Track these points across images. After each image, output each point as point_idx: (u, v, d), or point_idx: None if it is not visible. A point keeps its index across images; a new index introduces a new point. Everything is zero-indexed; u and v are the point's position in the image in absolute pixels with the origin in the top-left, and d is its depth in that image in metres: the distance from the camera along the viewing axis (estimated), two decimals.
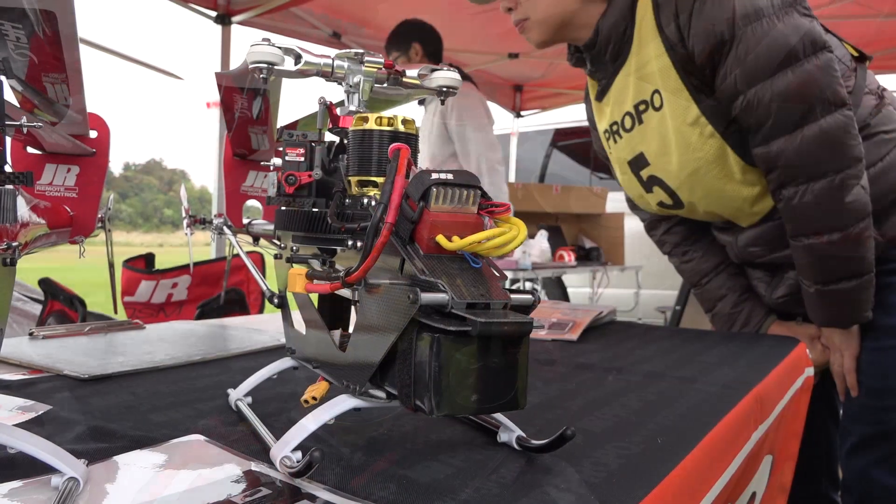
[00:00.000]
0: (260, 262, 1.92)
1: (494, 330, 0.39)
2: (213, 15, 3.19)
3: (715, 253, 1.37)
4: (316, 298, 0.58)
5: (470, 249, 0.43)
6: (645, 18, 1.10)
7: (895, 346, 1.14)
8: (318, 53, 0.56)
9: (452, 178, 0.43)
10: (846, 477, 1.23)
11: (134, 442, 0.52)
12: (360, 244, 0.48)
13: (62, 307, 2.03)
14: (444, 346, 0.40)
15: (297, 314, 0.62)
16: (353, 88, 0.56)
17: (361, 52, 0.56)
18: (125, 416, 0.60)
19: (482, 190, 0.45)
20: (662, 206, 1.27)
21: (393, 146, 0.46)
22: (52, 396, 0.66)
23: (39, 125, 0.46)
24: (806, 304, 1.16)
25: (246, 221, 0.77)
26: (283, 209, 0.58)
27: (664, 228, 1.43)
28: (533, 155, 5.69)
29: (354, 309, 0.55)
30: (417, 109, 3.06)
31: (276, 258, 0.67)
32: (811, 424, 1.13)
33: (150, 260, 2.51)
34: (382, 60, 0.56)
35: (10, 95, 0.56)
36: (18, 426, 0.45)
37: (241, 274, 2.45)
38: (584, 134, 5.47)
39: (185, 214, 0.83)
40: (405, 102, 0.70)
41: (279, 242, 0.66)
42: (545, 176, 5.65)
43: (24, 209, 0.54)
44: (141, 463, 0.48)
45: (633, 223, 4.02)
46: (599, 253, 3.75)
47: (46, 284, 2.07)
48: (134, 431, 0.55)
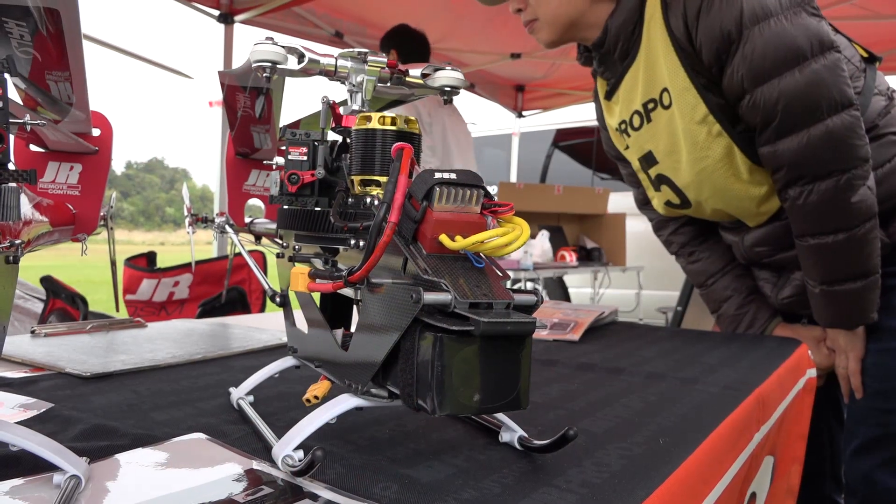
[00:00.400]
0: (262, 260, 1.92)
1: (497, 330, 0.39)
2: (215, 14, 3.19)
3: (722, 254, 1.37)
4: (318, 297, 0.58)
5: (473, 249, 0.43)
6: (653, 17, 1.10)
7: None
8: (321, 52, 0.56)
9: (456, 177, 0.43)
10: (850, 479, 1.23)
11: (135, 440, 0.52)
12: (362, 243, 0.48)
13: (64, 305, 2.03)
14: (446, 345, 0.40)
15: (298, 313, 0.62)
16: (356, 87, 0.56)
17: (365, 51, 0.56)
18: (127, 414, 0.60)
19: (486, 190, 0.44)
20: (670, 205, 1.27)
21: (396, 145, 0.46)
22: (53, 394, 0.66)
23: (43, 123, 0.46)
24: (811, 304, 1.16)
25: (248, 220, 0.77)
26: (285, 208, 0.58)
27: (672, 228, 1.43)
28: (535, 155, 5.69)
29: (357, 308, 0.55)
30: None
31: (278, 257, 0.67)
32: (815, 426, 1.13)
33: (151, 258, 2.51)
34: (386, 60, 0.56)
35: (13, 93, 0.57)
36: (20, 424, 0.45)
37: (242, 273, 2.45)
38: (585, 134, 5.48)
39: (187, 213, 0.83)
40: (410, 101, 0.70)
41: (281, 241, 0.66)
42: (547, 176, 5.64)
43: (27, 207, 0.54)
44: (142, 461, 0.48)
45: (634, 224, 4.03)
46: (601, 253, 3.74)
47: (48, 282, 2.08)
48: (135, 430, 0.55)
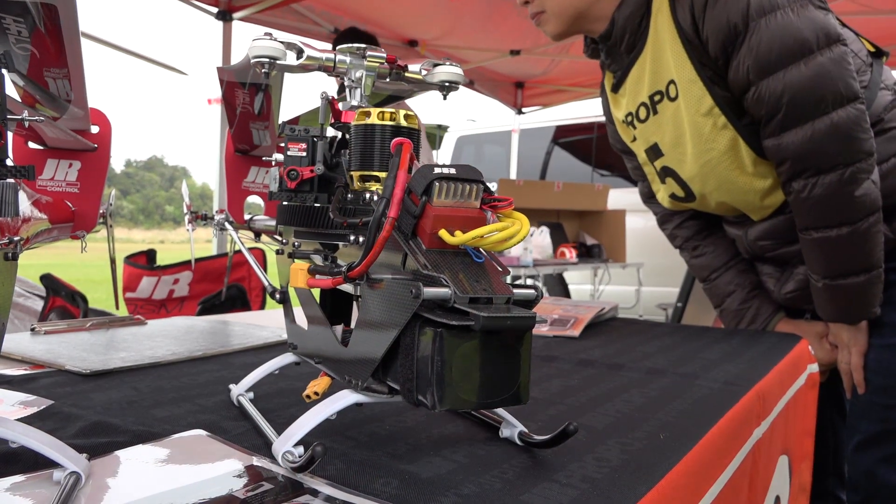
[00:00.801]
0: (261, 258, 1.92)
1: (497, 324, 0.39)
2: (214, 11, 3.19)
3: (726, 249, 1.37)
4: (318, 294, 0.58)
5: (473, 244, 0.42)
6: (660, 10, 1.10)
7: None
8: (319, 48, 0.56)
9: (455, 172, 0.43)
10: (852, 475, 1.23)
11: (136, 437, 0.52)
12: (362, 239, 0.48)
13: (64, 303, 2.03)
14: (446, 340, 0.40)
15: (298, 310, 0.62)
16: (354, 83, 0.56)
17: (363, 46, 0.55)
18: (127, 411, 0.60)
19: (485, 184, 0.44)
20: (674, 198, 1.27)
21: (395, 141, 0.46)
22: (53, 391, 0.66)
23: (41, 119, 0.46)
24: (814, 298, 1.16)
25: (247, 217, 0.76)
26: (284, 204, 0.58)
27: (676, 222, 1.43)
28: (534, 152, 5.69)
29: (356, 304, 0.55)
30: (418, 105, 3.07)
31: (277, 254, 0.67)
32: (818, 422, 1.13)
33: (151, 256, 2.51)
34: (384, 55, 0.56)
35: (11, 90, 0.56)
36: (20, 421, 0.45)
37: (242, 270, 2.45)
38: (585, 131, 5.48)
39: (186, 210, 0.83)
40: (408, 98, 0.70)
41: (281, 238, 0.66)
42: (546, 173, 5.64)
43: (25, 204, 0.54)
44: (143, 458, 0.47)
45: (634, 220, 4.03)
46: (601, 250, 3.75)
47: (48, 280, 2.08)
48: (136, 426, 0.54)
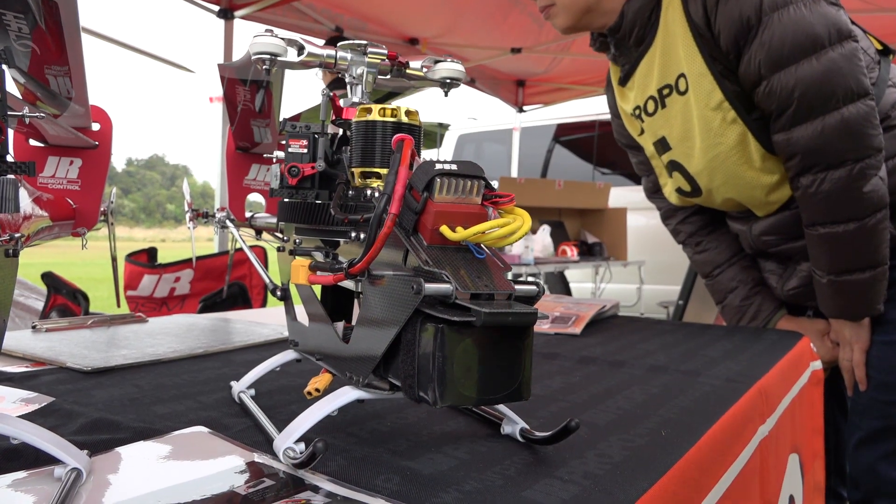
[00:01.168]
0: (263, 255, 1.92)
1: (499, 320, 0.39)
2: (215, 9, 3.19)
3: (729, 245, 1.37)
4: (319, 291, 0.58)
5: (474, 240, 0.42)
6: (672, 3, 1.10)
7: None
8: (321, 44, 0.55)
9: (457, 168, 0.43)
10: (853, 471, 1.23)
11: (137, 433, 0.52)
12: (363, 236, 0.48)
13: (65, 301, 2.03)
14: (447, 336, 0.40)
15: (300, 307, 0.62)
16: (356, 80, 0.56)
17: (364, 43, 0.55)
18: (128, 408, 0.60)
19: (486, 181, 0.44)
20: (681, 192, 1.27)
21: (397, 137, 0.46)
22: (55, 389, 0.66)
23: (42, 116, 0.46)
24: (817, 295, 1.16)
25: (249, 215, 0.76)
26: (286, 201, 0.58)
27: (680, 218, 1.43)
28: (535, 150, 5.68)
29: (357, 301, 0.55)
30: (418, 103, 3.06)
31: (279, 251, 0.67)
32: None
33: (152, 254, 2.51)
34: (386, 51, 0.56)
35: (12, 87, 0.56)
36: (22, 418, 0.45)
37: (243, 268, 2.45)
38: (586, 129, 5.47)
39: (187, 208, 0.83)
40: (409, 94, 0.70)
41: (282, 235, 0.66)
42: (547, 171, 5.64)
43: (26, 201, 0.54)
44: (144, 454, 0.47)
45: (635, 218, 4.03)
46: (602, 248, 3.74)
47: (49, 279, 2.08)
48: (137, 423, 0.54)
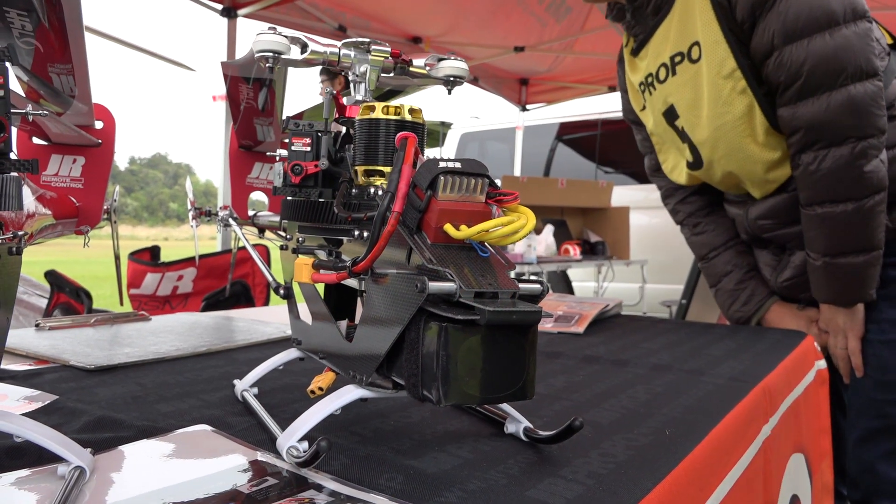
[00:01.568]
0: (265, 254, 1.92)
1: (503, 319, 0.39)
2: (219, 8, 3.19)
3: (726, 229, 1.38)
4: (322, 289, 0.58)
5: (478, 238, 0.42)
6: None
7: None
8: (324, 42, 0.55)
9: (460, 166, 0.43)
10: (852, 471, 1.23)
11: (140, 432, 0.52)
12: (366, 234, 0.48)
13: (68, 299, 2.03)
14: (451, 335, 0.40)
15: (303, 305, 0.62)
16: (359, 78, 0.56)
17: (368, 40, 0.55)
18: (131, 406, 0.60)
19: (490, 179, 0.44)
20: (687, 164, 1.27)
21: (400, 135, 0.46)
22: (58, 387, 0.66)
23: (45, 114, 0.46)
24: (811, 280, 1.17)
25: (252, 213, 0.76)
26: (289, 199, 0.58)
27: (679, 197, 1.44)
28: (538, 149, 5.68)
29: (360, 300, 0.54)
30: (420, 100, 3.06)
31: (282, 249, 0.67)
32: None
33: (155, 253, 2.52)
34: (389, 49, 0.56)
35: (16, 84, 0.56)
36: (25, 416, 0.45)
37: (246, 266, 2.45)
38: (589, 128, 5.47)
39: (190, 207, 0.83)
40: (412, 92, 0.70)
41: (285, 233, 0.66)
42: (550, 170, 5.63)
43: (30, 199, 0.54)
44: (147, 452, 0.47)
45: (638, 217, 4.02)
46: (604, 247, 3.74)
47: (53, 277, 2.08)
48: (140, 421, 0.54)
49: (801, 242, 1.18)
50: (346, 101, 0.56)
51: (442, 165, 0.43)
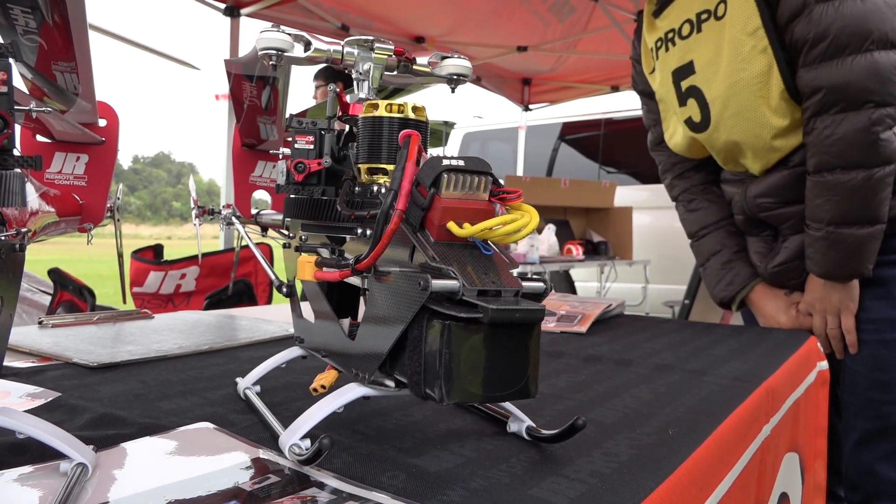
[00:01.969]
0: (268, 252, 1.92)
1: (506, 317, 0.39)
2: (222, 7, 3.19)
3: (720, 208, 1.39)
4: (325, 287, 0.58)
5: (481, 236, 0.42)
6: None
7: None
8: (327, 40, 0.55)
9: (464, 164, 0.43)
10: (851, 474, 1.22)
11: (142, 429, 0.52)
12: (369, 232, 0.48)
13: (71, 297, 2.04)
14: (454, 333, 0.40)
15: (305, 304, 0.62)
16: (362, 76, 0.56)
17: (371, 38, 0.55)
18: (134, 403, 0.60)
19: (494, 177, 0.44)
20: (689, 124, 1.27)
21: (403, 132, 0.46)
22: (61, 384, 0.66)
23: (48, 110, 0.46)
24: (809, 255, 1.16)
25: (254, 212, 0.76)
26: (292, 197, 0.58)
27: (677, 172, 1.44)
28: (541, 149, 5.68)
29: (363, 298, 0.54)
30: (424, 101, 3.07)
31: (284, 247, 0.67)
32: None
33: (158, 251, 2.52)
34: (393, 47, 0.56)
35: (20, 82, 0.56)
36: (28, 412, 0.45)
37: (249, 265, 2.45)
38: (592, 127, 5.46)
39: (193, 205, 0.83)
40: (415, 91, 0.70)
41: (288, 232, 0.66)
42: (553, 170, 5.63)
43: (33, 196, 0.54)
44: (149, 450, 0.47)
45: (641, 217, 4.02)
46: (607, 247, 3.73)
47: (56, 275, 2.08)
48: (142, 419, 0.54)
49: (797, 224, 1.19)
50: (349, 99, 0.56)
51: (445, 163, 0.43)
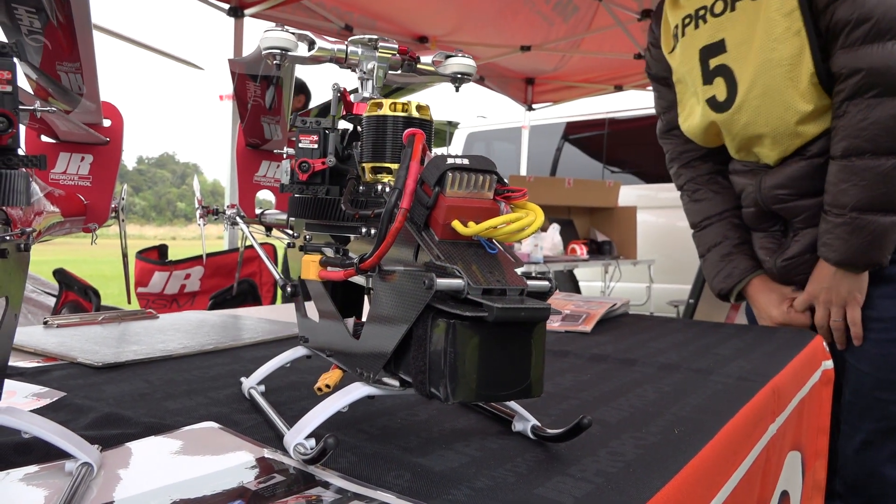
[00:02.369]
0: (272, 252, 1.92)
1: (511, 316, 0.38)
2: (225, 7, 3.19)
3: (724, 199, 1.38)
4: (329, 286, 0.58)
5: (486, 235, 0.42)
6: None
7: None
8: (331, 40, 0.55)
9: (468, 163, 0.43)
10: (853, 477, 1.21)
11: (147, 429, 0.52)
12: (373, 231, 0.48)
13: (77, 298, 2.04)
14: (459, 332, 0.39)
15: (310, 303, 0.62)
16: (366, 75, 0.56)
17: (375, 37, 0.55)
18: (139, 403, 0.60)
19: (498, 175, 0.44)
20: (712, 104, 1.26)
21: (408, 131, 0.45)
22: (66, 384, 0.66)
23: (52, 110, 0.46)
24: (826, 243, 1.15)
25: (259, 211, 0.76)
26: (296, 197, 0.57)
27: (684, 161, 1.44)
28: (545, 148, 5.67)
29: (368, 297, 0.54)
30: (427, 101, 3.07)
31: (288, 247, 0.67)
32: None
33: (163, 251, 2.52)
34: (396, 46, 0.56)
35: (24, 83, 0.57)
36: (33, 412, 0.45)
37: (253, 265, 2.45)
38: (596, 127, 5.45)
39: (197, 205, 0.83)
40: (419, 90, 0.70)
41: (292, 231, 0.66)
42: (557, 169, 5.63)
43: (38, 196, 0.54)
44: (154, 449, 0.47)
45: (645, 217, 4.01)
46: (611, 247, 3.73)
47: (61, 275, 2.09)
48: (147, 418, 0.54)
49: (811, 218, 1.18)
50: (353, 98, 0.56)
51: (450, 162, 0.42)
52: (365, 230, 0.49)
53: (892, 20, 1.02)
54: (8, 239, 0.40)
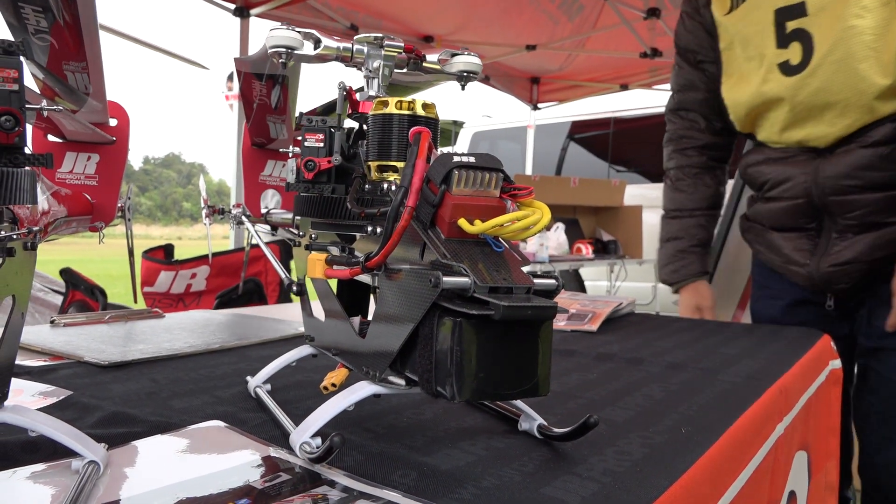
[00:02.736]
0: (278, 251, 1.92)
1: (518, 314, 0.38)
2: (231, 7, 3.20)
3: (702, 197, 1.39)
4: (335, 285, 0.58)
5: (492, 233, 0.42)
6: None
7: None
8: (337, 38, 0.55)
9: (474, 161, 0.43)
10: (873, 478, 1.19)
11: (154, 427, 0.52)
12: (379, 230, 0.48)
13: (83, 297, 2.05)
14: (466, 330, 0.39)
15: (315, 302, 0.62)
16: (372, 73, 0.55)
17: (381, 36, 0.55)
18: (145, 402, 0.60)
19: (505, 173, 0.44)
20: (784, 68, 1.18)
21: (414, 129, 0.45)
22: (72, 382, 0.66)
23: (59, 109, 0.46)
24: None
25: (264, 210, 0.76)
26: (302, 195, 0.57)
27: (681, 146, 1.42)
28: (550, 148, 5.66)
29: (373, 296, 0.54)
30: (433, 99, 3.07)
31: (294, 245, 0.67)
32: None
33: (169, 251, 2.53)
34: (402, 44, 0.55)
35: (30, 82, 0.57)
36: (40, 411, 0.45)
37: (259, 265, 2.46)
38: (602, 126, 5.45)
39: (203, 204, 0.83)
40: (425, 89, 0.69)
41: (297, 230, 0.66)
42: (562, 168, 5.62)
43: (44, 195, 0.55)
44: (160, 448, 0.47)
45: (650, 216, 4.00)
46: (617, 246, 3.72)
47: (68, 274, 2.10)
48: (154, 417, 0.55)
49: (869, 215, 1.10)
50: (359, 96, 0.55)
51: (456, 160, 0.42)
52: (371, 229, 0.49)
53: None
54: (15, 237, 0.40)
